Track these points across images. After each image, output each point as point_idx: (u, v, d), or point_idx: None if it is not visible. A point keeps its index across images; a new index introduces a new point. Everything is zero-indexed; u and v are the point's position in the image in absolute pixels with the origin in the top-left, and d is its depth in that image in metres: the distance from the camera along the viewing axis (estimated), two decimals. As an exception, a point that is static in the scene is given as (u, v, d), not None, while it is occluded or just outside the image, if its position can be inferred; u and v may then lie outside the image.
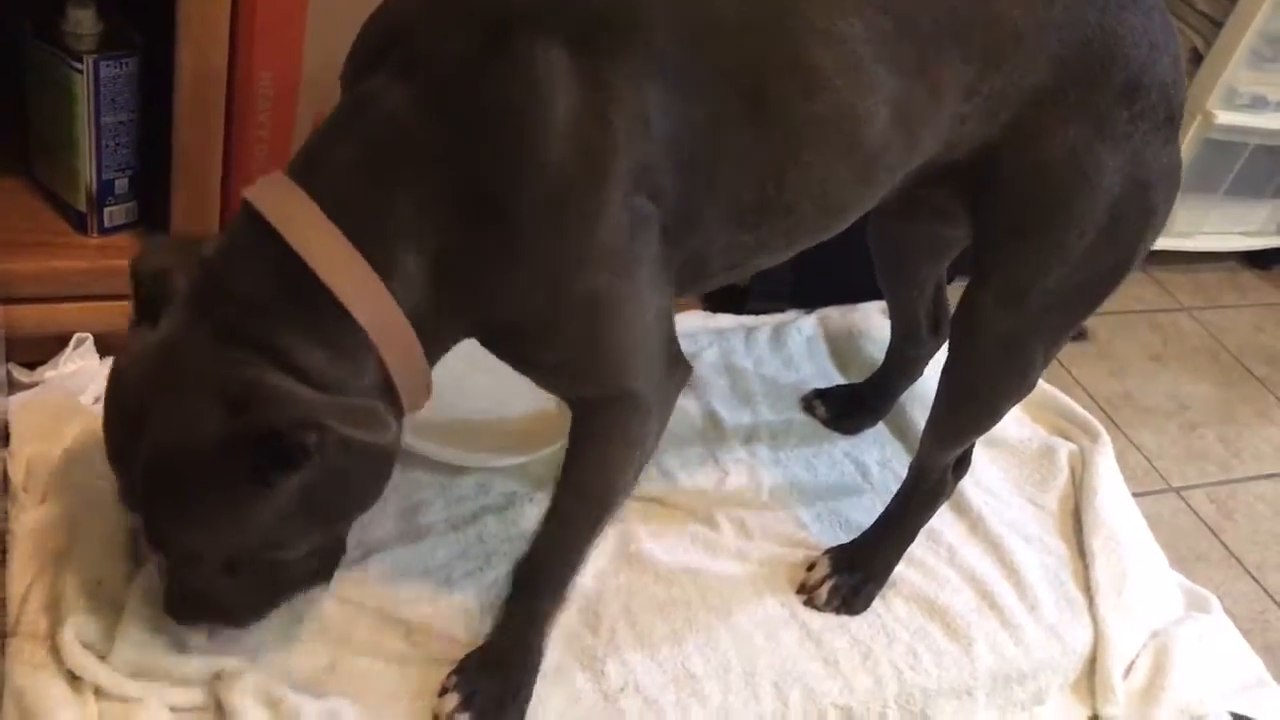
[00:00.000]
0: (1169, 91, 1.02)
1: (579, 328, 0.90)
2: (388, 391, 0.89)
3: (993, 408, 1.17)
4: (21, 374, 1.23)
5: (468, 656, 1.08)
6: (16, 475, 1.12)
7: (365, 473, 0.89)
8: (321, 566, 1.02)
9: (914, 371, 1.46)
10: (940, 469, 1.22)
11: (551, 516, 1.05)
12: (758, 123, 0.89)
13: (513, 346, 0.94)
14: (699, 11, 0.87)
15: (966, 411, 1.18)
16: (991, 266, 1.07)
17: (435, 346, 0.92)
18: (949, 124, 0.97)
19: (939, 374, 1.19)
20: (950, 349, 1.15)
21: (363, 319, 0.85)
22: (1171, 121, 1.03)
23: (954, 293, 1.37)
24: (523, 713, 1.06)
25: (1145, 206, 1.04)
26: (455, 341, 0.95)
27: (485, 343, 0.95)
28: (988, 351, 1.10)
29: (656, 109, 0.85)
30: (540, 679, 1.08)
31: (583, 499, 1.03)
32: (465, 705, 1.03)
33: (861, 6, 0.90)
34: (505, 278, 0.87)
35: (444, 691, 1.05)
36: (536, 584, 1.07)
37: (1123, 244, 1.05)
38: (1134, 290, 1.09)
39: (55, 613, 1.01)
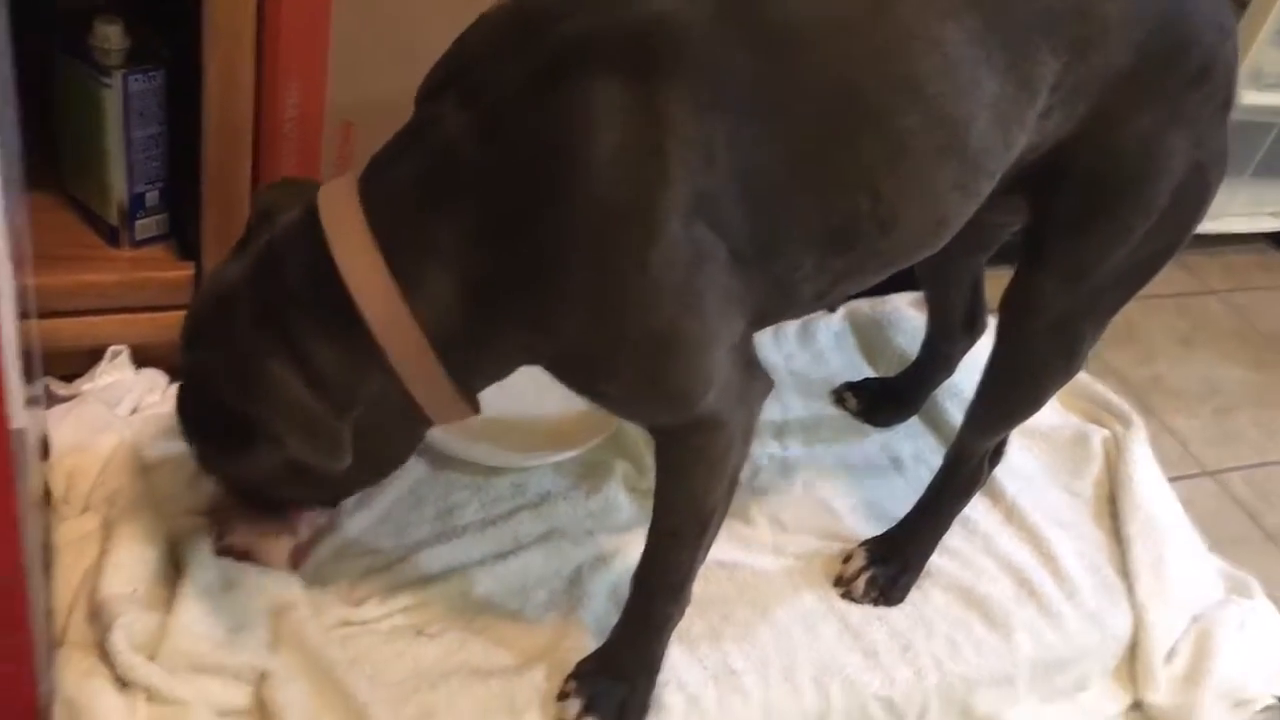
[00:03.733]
0: (1230, 75, 1.02)
1: (640, 366, 0.89)
2: (408, 403, 0.91)
3: (1038, 393, 1.17)
4: (59, 387, 1.25)
5: (585, 660, 1.08)
6: (57, 488, 1.13)
7: (359, 462, 0.93)
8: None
9: (948, 367, 1.45)
10: (978, 456, 1.22)
11: (653, 530, 1.04)
12: (848, 140, 0.87)
13: (573, 377, 0.94)
14: (777, 30, 0.85)
15: (1012, 397, 1.17)
16: (1051, 251, 1.06)
17: (474, 368, 0.93)
18: (1037, 121, 0.95)
19: (975, 367, 1.18)
20: (999, 333, 1.14)
21: (374, 326, 0.87)
22: (1228, 105, 1.03)
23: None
24: (643, 716, 1.06)
25: (1202, 188, 1.04)
26: (507, 366, 0.96)
27: (548, 369, 0.95)
28: (1038, 335, 1.10)
29: (721, 137, 0.83)
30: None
31: (678, 516, 1.02)
32: (589, 709, 1.04)
33: (957, 7, 0.88)
34: (554, 313, 0.86)
35: (564, 696, 1.05)
36: (651, 590, 1.06)
37: (1179, 225, 1.05)
38: (1161, 274, 1.09)
39: (100, 620, 1.02)
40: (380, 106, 0.97)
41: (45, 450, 1.17)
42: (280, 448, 0.91)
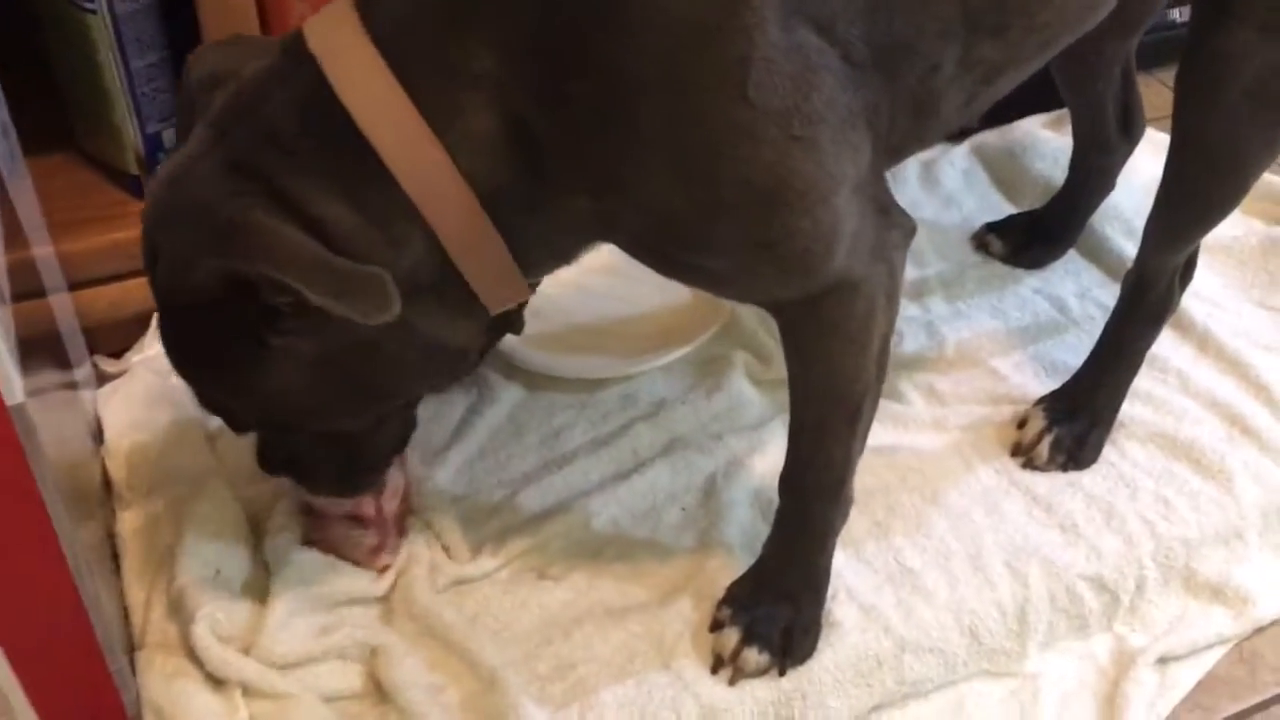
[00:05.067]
0: None
1: (746, 227, 0.71)
2: (451, 277, 0.74)
3: (1239, 179, 0.95)
4: (108, 364, 1.13)
5: (737, 583, 0.93)
6: (117, 472, 1.01)
7: (407, 357, 0.77)
8: (396, 438, 0.90)
9: (1106, 183, 1.25)
10: (1168, 275, 1.02)
11: (795, 426, 0.87)
12: None
13: (661, 251, 0.76)
14: None
15: (1207, 189, 0.96)
16: None
17: (528, 241, 0.75)
18: None
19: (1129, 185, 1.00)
20: (1179, 113, 0.94)
21: (402, 175, 0.69)
22: None
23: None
24: (816, 640, 0.90)
25: None
26: (570, 244, 0.79)
27: (627, 248, 0.78)
28: (1233, 103, 0.89)
29: None
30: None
31: (821, 405, 0.85)
32: (750, 638, 0.89)
33: None
34: (626, 161, 0.69)
35: (718, 626, 0.91)
36: (804, 495, 0.90)
37: None
38: None
39: (182, 613, 0.90)
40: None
41: (100, 435, 1.05)
42: (302, 341, 0.74)
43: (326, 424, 0.82)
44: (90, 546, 0.88)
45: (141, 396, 1.06)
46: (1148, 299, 1.04)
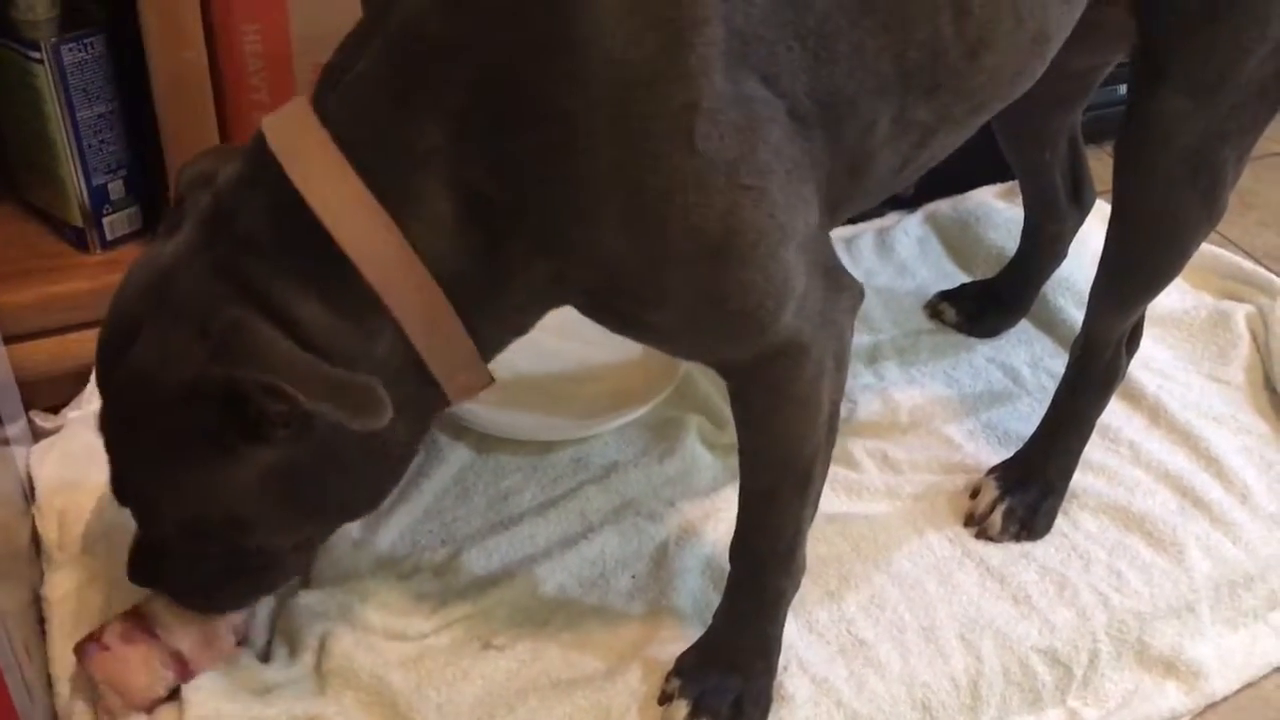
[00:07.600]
0: None
1: (696, 280, 0.70)
2: (417, 370, 0.74)
3: (1181, 244, 0.96)
4: (44, 420, 1.09)
5: (686, 653, 0.91)
6: (48, 533, 0.98)
7: (358, 466, 0.76)
8: (298, 561, 0.87)
9: (1057, 252, 1.25)
10: (1114, 342, 1.03)
11: (745, 492, 0.86)
12: None
13: (613, 311, 0.76)
14: None
15: (1148, 256, 0.97)
16: (1172, 61, 0.88)
17: (490, 317, 0.75)
18: None
19: (1082, 255, 1.00)
20: (1119, 181, 0.95)
21: (368, 270, 0.69)
22: None
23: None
24: (766, 713, 0.88)
25: None
26: (530, 312, 0.78)
27: (582, 308, 0.77)
28: (1170, 168, 0.91)
29: None
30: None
31: (772, 472, 0.84)
32: (699, 711, 0.87)
33: None
34: (577, 215, 0.68)
35: (666, 698, 0.88)
36: (754, 563, 0.88)
37: None
38: (1273, 130, 0.91)
39: (110, 684, 0.86)
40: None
41: (31, 493, 1.01)
42: (269, 449, 0.73)
43: (254, 538, 0.79)
44: (13, 609, 0.84)
45: (77, 454, 1.03)
46: (1095, 366, 1.04)
